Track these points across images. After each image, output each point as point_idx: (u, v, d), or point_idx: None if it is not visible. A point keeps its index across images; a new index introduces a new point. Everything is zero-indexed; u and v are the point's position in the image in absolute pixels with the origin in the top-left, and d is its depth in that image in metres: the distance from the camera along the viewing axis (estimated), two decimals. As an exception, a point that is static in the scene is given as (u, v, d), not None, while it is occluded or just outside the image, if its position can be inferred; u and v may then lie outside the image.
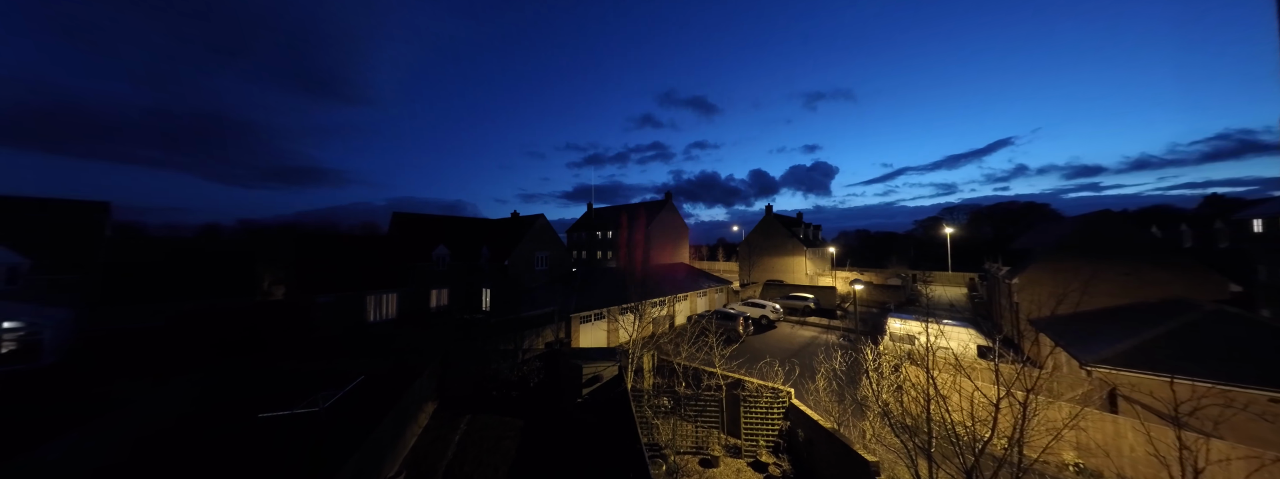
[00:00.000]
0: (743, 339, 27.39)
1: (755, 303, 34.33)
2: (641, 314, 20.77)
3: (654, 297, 28.65)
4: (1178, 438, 7.05)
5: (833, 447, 10.36)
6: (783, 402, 12.93)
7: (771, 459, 12.31)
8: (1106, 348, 15.51)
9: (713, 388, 13.73)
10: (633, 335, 16.18)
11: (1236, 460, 9.08)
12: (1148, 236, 23.01)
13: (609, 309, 25.39)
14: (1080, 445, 11.88)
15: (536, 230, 39.20)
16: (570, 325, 23.14)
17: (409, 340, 23.08)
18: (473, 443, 13.26)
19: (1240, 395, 12.01)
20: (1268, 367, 12.71)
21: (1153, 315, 18.25)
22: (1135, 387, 13.64)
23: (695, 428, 13.20)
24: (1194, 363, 13.48)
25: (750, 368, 19.47)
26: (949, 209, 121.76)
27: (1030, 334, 22.64)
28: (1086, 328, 16.84)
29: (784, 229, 55.14)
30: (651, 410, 13.30)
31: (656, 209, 64.65)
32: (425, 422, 14.61)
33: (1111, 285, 22.57)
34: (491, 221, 47.09)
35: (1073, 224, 27.24)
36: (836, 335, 28.62)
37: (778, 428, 12.93)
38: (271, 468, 11.61)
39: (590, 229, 71.79)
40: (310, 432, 13.39)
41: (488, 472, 11.62)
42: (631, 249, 63.25)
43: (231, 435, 13.58)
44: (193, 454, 12.44)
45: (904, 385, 12.68)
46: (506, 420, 14.90)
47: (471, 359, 16.83)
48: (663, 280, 33.20)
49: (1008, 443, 7.27)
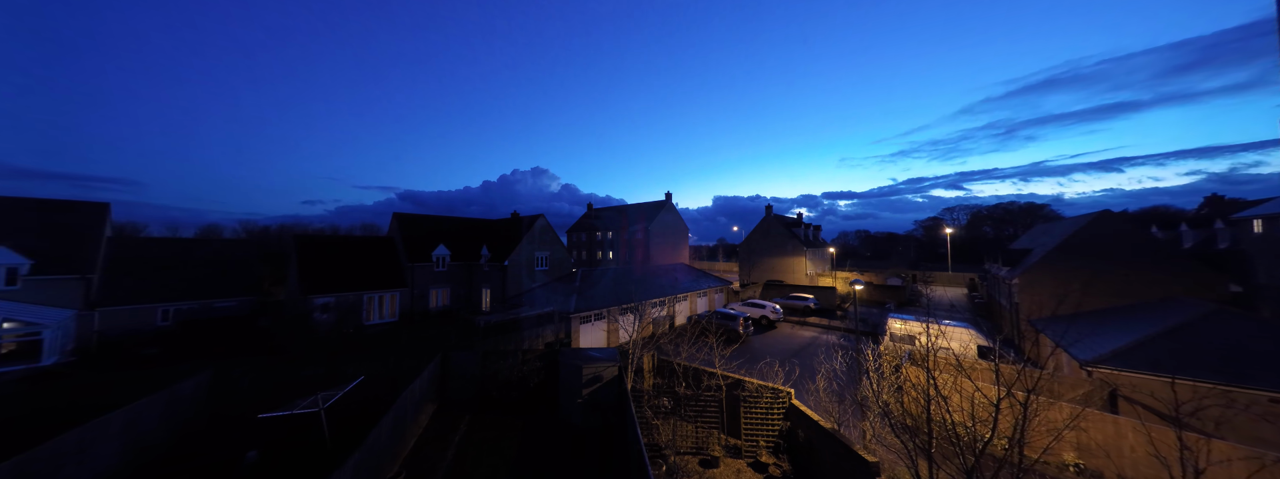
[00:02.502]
0: (743, 339, 27.38)
1: (755, 303, 34.31)
2: (641, 314, 20.77)
3: (654, 297, 28.63)
4: (1179, 438, 7.04)
5: (833, 447, 10.35)
6: (783, 402, 12.92)
7: (771, 460, 12.30)
8: (1107, 348, 15.49)
9: (713, 388, 13.72)
10: (633, 336, 16.17)
11: (1238, 461, 9.07)
12: (1148, 237, 23.00)
13: (609, 309, 25.38)
14: (1081, 446, 11.86)
15: (536, 231, 39.19)
16: (570, 325, 23.13)
17: (409, 341, 23.08)
18: (472, 443, 13.26)
19: (1241, 396, 12.01)
20: (1268, 367, 12.71)
21: (1153, 315, 18.24)
22: (1136, 387, 13.62)
23: (695, 428, 13.19)
24: (1195, 363, 13.47)
25: (750, 368, 19.47)
26: (949, 209, 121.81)
27: (1031, 334, 22.64)
28: (1087, 328, 16.83)
29: (784, 229, 55.12)
30: (651, 411, 13.29)
31: (656, 209, 64.66)
32: (425, 422, 14.60)
33: (1112, 285, 22.57)
34: (491, 222, 47.08)
35: (1073, 224, 27.23)
36: (836, 335, 28.61)
37: (778, 428, 12.92)
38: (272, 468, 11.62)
39: (590, 229, 71.80)
40: (310, 432, 13.40)
41: (487, 472, 11.61)
42: (631, 249, 63.26)
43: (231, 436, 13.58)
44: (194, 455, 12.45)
45: (904, 386, 12.67)
46: (506, 421, 14.89)
47: (471, 359, 16.82)
48: (663, 281, 33.17)
49: (1008, 443, 7.26)
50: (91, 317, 24.69)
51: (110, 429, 10.80)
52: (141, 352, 23.10)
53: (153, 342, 25.42)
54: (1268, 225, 29.82)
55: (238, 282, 31.38)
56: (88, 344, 24.15)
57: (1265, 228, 30.10)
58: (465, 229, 43.96)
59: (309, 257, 31.53)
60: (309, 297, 28.09)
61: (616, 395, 14.57)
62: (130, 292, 26.91)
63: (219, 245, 33.95)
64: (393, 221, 39.71)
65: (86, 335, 24.28)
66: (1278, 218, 28.93)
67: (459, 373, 16.73)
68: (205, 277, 30.50)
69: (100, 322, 25.05)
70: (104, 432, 10.62)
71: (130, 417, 11.41)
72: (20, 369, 18.25)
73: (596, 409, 14.30)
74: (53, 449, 9.37)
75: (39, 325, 19.01)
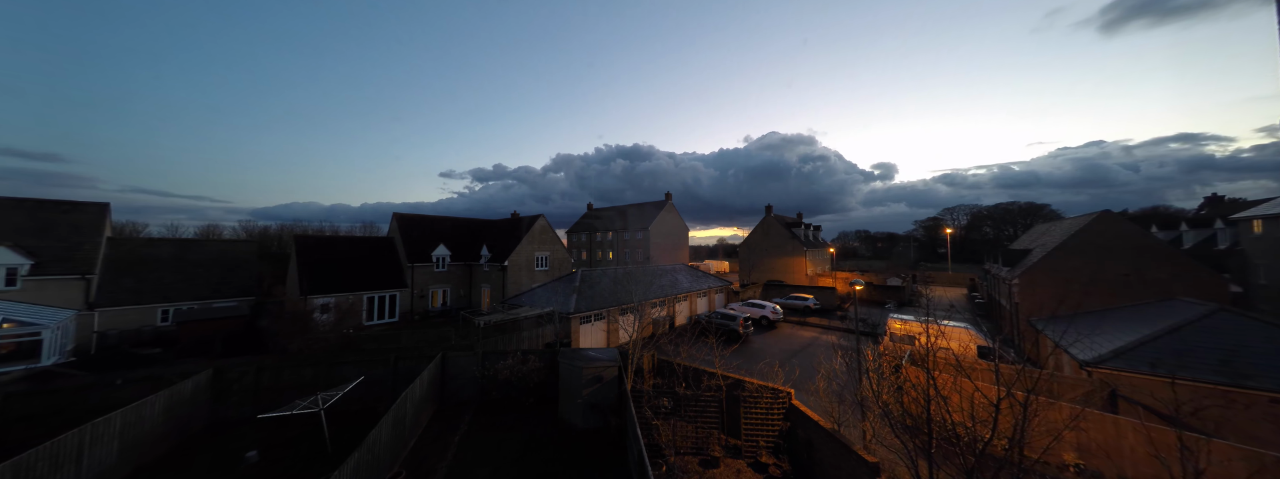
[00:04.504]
0: (743, 339, 27.38)
1: (755, 303, 34.31)
2: (641, 315, 20.76)
3: (654, 297, 28.63)
4: (1179, 439, 7.04)
5: (833, 447, 10.35)
6: (783, 402, 12.92)
7: (771, 460, 12.29)
8: (1107, 348, 15.49)
9: (713, 388, 13.71)
10: (632, 336, 16.16)
11: (1237, 461, 9.07)
12: (1148, 237, 22.99)
13: (609, 309, 25.38)
14: (1081, 446, 11.85)
15: (536, 230, 39.19)
16: (570, 326, 23.13)
17: (409, 341, 23.08)
18: (472, 443, 13.26)
19: (1241, 396, 12.00)
20: (1268, 367, 12.70)
21: (1153, 315, 18.24)
22: (1136, 387, 13.62)
23: (695, 428, 13.18)
24: (1195, 363, 13.47)
25: (750, 368, 19.47)
26: (949, 209, 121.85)
27: (1031, 334, 22.63)
28: (1087, 328, 16.82)
29: (784, 229, 55.12)
30: (651, 411, 13.28)
31: (656, 209, 64.64)
32: (425, 422, 14.60)
33: (1112, 285, 22.57)
34: (491, 222, 47.08)
35: (1073, 224, 27.24)
36: (836, 335, 28.60)
37: (778, 429, 12.92)
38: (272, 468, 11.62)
39: (590, 229, 71.78)
40: (310, 432, 13.40)
41: (487, 472, 11.61)
42: (631, 249, 63.23)
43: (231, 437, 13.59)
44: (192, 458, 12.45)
45: (904, 386, 12.66)
46: (506, 421, 14.89)
47: (471, 359, 16.82)
48: (662, 281, 33.17)
49: (1008, 444, 7.26)
50: (91, 317, 24.70)
51: (110, 429, 10.80)
52: (141, 352, 23.10)
53: (153, 342, 25.42)
54: (1268, 226, 29.83)
55: (238, 282, 31.39)
56: (87, 344, 24.15)
57: (1265, 228, 30.12)
58: (465, 229, 43.97)
59: (309, 257, 31.53)
60: (309, 297, 28.09)
61: (616, 396, 14.57)
62: (130, 292, 26.91)
63: (219, 245, 33.94)
64: (393, 222, 39.70)
65: (86, 335, 24.28)
66: (1278, 218, 28.94)
67: (459, 373, 16.73)
68: (205, 277, 30.50)
69: (100, 322, 25.06)
70: (104, 432, 10.62)
71: (130, 417, 11.40)
72: (20, 369, 18.24)
73: (596, 409, 14.30)
74: (53, 449, 9.38)
75: (39, 326, 19.00)
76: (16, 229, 24.51)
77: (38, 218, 25.71)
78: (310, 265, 30.79)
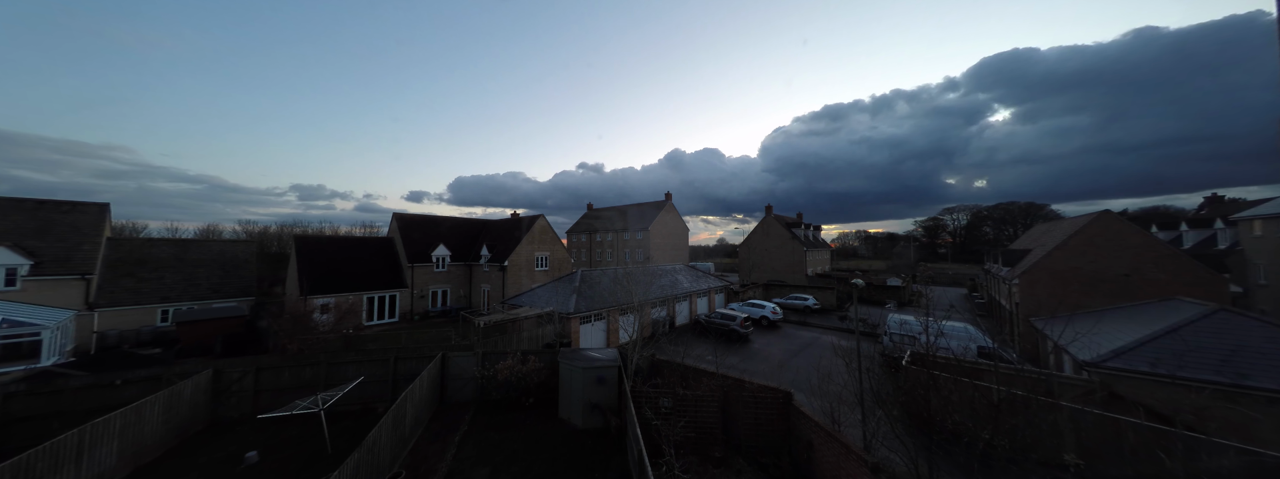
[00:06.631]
0: (743, 339, 27.38)
1: (755, 303, 34.31)
2: (641, 315, 20.76)
3: (654, 297, 28.63)
4: (1179, 438, 7.05)
5: (833, 447, 10.35)
6: (783, 402, 12.92)
7: (772, 460, 12.30)
8: (1107, 348, 15.49)
9: (713, 389, 13.72)
10: (633, 336, 16.16)
11: (1237, 461, 9.05)
12: (1148, 237, 22.99)
13: (609, 310, 25.38)
14: (1081, 446, 11.85)
15: (536, 231, 39.19)
16: (570, 326, 23.13)
17: (409, 341, 23.07)
18: (472, 443, 13.25)
19: (1241, 396, 12.00)
20: (1268, 367, 12.70)
21: (1153, 315, 18.24)
22: (1136, 387, 13.62)
23: (695, 429, 13.18)
24: (1195, 363, 13.47)
25: (750, 368, 19.48)
26: (949, 209, 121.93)
27: (1030, 334, 22.64)
28: (1087, 328, 16.81)
29: (784, 229, 55.15)
30: (651, 411, 13.28)
31: (656, 209, 64.65)
32: (425, 422, 14.59)
33: (1112, 285, 22.57)
34: (491, 222, 47.08)
35: (1073, 224, 27.25)
36: (836, 335, 28.60)
37: (778, 429, 12.92)
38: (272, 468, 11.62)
39: (590, 230, 71.78)
40: (310, 432, 13.40)
41: (487, 472, 11.61)
42: (631, 249, 63.24)
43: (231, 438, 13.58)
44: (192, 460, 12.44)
45: (904, 385, 12.67)
46: (506, 421, 14.89)
47: (471, 359, 16.82)
48: (663, 281, 33.17)
49: (1008, 443, 7.26)
50: (91, 317, 24.70)
51: (109, 429, 10.79)
52: (141, 352, 23.10)
53: (152, 342, 25.41)
54: (1268, 226, 29.83)
55: (237, 282, 31.38)
56: (87, 344, 24.15)
57: (1265, 229, 30.12)
58: (465, 229, 43.98)
59: (309, 257, 31.53)
60: (309, 297, 28.09)
61: (616, 396, 14.57)
62: (130, 292, 26.91)
63: (218, 246, 33.94)
64: (393, 222, 39.70)
65: (86, 336, 24.28)
66: (1278, 218, 28.94)
67: (459, 373, 16.72)
68: (205, 277, 30.50)
69: (100, 322, 25.06)
70: (103, 432, 10.62)
71: (130, 417, 11.40)
72: (20, 369, 18.23)
73: (597, 410, 14.30)
74: (52, 450, 9.37)
75: (38, 326, 18.99)
76: (16, 229, 24.51)
77: (38, 218, 25.71)
78: (310, 265, 30.79)
